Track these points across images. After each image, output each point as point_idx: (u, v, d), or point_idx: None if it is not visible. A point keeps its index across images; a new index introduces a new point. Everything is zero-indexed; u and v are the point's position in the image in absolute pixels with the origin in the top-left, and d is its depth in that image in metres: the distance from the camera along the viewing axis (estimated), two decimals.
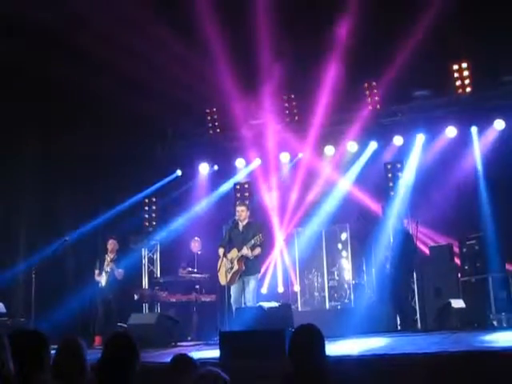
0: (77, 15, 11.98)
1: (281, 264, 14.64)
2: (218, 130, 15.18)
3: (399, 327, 11.96)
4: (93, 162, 14.66)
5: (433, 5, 11.65)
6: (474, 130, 13.37)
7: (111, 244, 12.98)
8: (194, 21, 12.34)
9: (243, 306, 10.85)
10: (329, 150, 14.58)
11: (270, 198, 14.81)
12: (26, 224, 14.26)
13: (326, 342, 4.63)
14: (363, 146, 14.37)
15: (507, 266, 11.96)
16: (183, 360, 4.71)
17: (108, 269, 12.66)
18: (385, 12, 12.15)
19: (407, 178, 13.67)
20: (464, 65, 13.01)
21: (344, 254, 14.49)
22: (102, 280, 12.67)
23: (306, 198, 14.46)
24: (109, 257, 12.79)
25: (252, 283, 10.95)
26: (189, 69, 12.92)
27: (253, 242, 10.78)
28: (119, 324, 12.21)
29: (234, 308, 10.85)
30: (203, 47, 12.87)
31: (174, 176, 15.70)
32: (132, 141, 14.75)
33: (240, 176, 15.48)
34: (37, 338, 4.42)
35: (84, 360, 4.95)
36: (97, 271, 12.78)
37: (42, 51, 12.04)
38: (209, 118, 15.16)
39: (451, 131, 13.48)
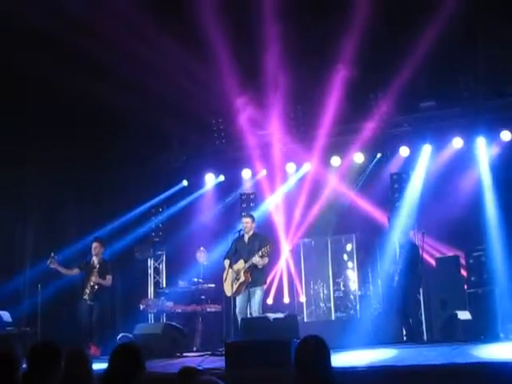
0: (80, 21, 11.99)
1: (286, 274, 14.62)
2: (225, 141, 15.18)
3: (405, 338, 11.92)
4: (99, 172, 14.68)
5: (440, 16, 11.66)
6: (480, 141, 13.34)
7: (96, 247, 12.57)
8: (201, 31, 12.36)
9: (249, 316, 10.86)
10: (335, 160, 14.56)
11: (275, 209, 14.81)
12: (31, 233, 14.27)
13: (332, 354, 4.61)
14: (369, 156, 14.36)
15: None
16: (191, 372, 4.73)
17: (94, 285, 12.32)
18: (392, 23, 12.17)
19: (413, 188, 13.65)
20: (470, 76, 13.00)
21: (350, 264, 14.47)
22: (87, 294, 12.30)
23: (311, 208, 14.45)
24: (94, 264, 12.49)
25: (258, 294, 10.97)
26: (195, 79, 12.95)
27: (260, 253, 10.80)
28: (124, 334, 12.19)
29: (239, 319, 10.86)
30: (210, 57, 12.90)
31: (180, 186, 15.71)
32: (138, 151, 14.78)
33: (246, 186, 15.48)
34: (49, 350, 4.45)
35: (90, 371, 4.96)
36: (77, 269, 12.54)
37: (44, 57, 12.03)
38: (215, 128, 15.16)
39: (458, 142, 13.46)
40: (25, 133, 13.72)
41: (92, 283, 12.30)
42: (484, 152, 13.31)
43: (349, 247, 14.52)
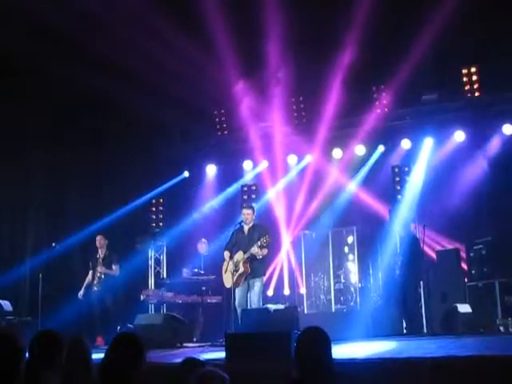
0: (88, 17, 11.97)
1: (287, 266, 14.64)
2: (226, 132, 15.18)
3: (405, 331, 11.94)
4: (100, 163, 14.68)
5: (443, 9, 11.63)
6: (482, 134, 13.32)
7: (99, 240, 13.00)
8: (204, 23, 12.33)
9: (248, 307, 10.86)
10: (336, 152, 14.57)
11: (277, 200, 14.81)
12: (33, 224, 14.30)
13: (332, 345, 4.61)
14: (371, 149, 14.36)
15: None
16: (195, 363, 4.74)
17: (100, 275, 12.65)
18: (394, 16, 12.14)
19: (415, 181, 13.65)
20: (473, 69, 12.99)
21: (350, 257, 14.47)
22: (95, 285, 12.68)
23: (312, 200, 14.45)
24: (99, 257, 12.80)
25: (257, 285, 10.95)
26: (197, 70, 12.93)
27: (259, 243, 10.78)
28: (127, 325, 12.23)
29: (238, 310, 10.85)
30: (212, 49, 12.88)
31: (181, 177, 15.71)
32: (140, 142, 14.78)
33: (247, 178, 15.48)
34: (51, 339, 4.46)
35: (89, 359, 4.97)
36: (90, 272, 12.83)
37: (45, 49, 12.01)
38: (217, 119, 15.17)
39: (459, 135, 13.45)
40: (26, 125, 13.72)
41: (98, 274, 12.66)
42: (485, 145, 13.30)
43: (350, 239, 14.51)
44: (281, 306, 10.58)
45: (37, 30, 11.87)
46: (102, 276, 12.67)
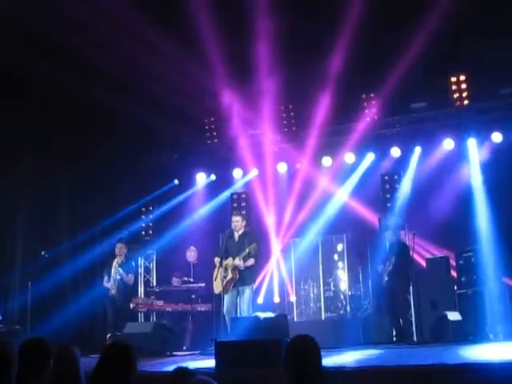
0: (77, 23, 11.96)
1: (277, 274, 14.63)
2: (216, 140, 15.18)
3: (395, 339, 11.95)
4: (90, 171, 14.64)
5: (432, 17, 11.68)
6: (471, 142, 13.39)
7: (119, 247, 12.88)
8: (194, 31, 12.34)
9: (238, 315, 10.84)
10: (326, 160, 14.59)
11: (266, 208, 14.81)
12: (23, 231, 14.22)
13: (321, 354, 4.61)
14: (360, 157, 14.39)
15: (503, 279, 11.94)
16: (186, 372, 4.73)
17: (117, 276, 12.56)
18: (383, 24, 12.18)
19: (404, 189, 13.68)
20: (462, 77, 13.05)
21: (340, 264, 14.50)
22: (112, 289, 12.53)
23: (302, 208, 14.45)
24: (116, 262, 12.70)
25: (247, 293, 10.93)
26: (188, 78, 12.92)
27: (247, 250, 10.77)
28: (116, 333, 12.17)
29: (226, 318, 10.83)
30: (203, 57, 12.88)
31: (171, 185, 15.68)
32: (130, 150, 14.74)
33: (237, 186, 15.47)
34: (40, 347, 4.44)
35: (78, 369, 4.94)
36: (105, 277, 12.72)
37: (43, 60, 12.01)
38: (207, 127, 15.16)
39: (449, 143, 13.51)
40: (16, 133, 13.67)
41: (116, 275, 12.51)
42: (475, 153, 13.36)
43: (339, 247, 14.54)
44: (271, 314, 10.58)
45: (33, 38, 11.87)
46: (118, 277, 12.48)
